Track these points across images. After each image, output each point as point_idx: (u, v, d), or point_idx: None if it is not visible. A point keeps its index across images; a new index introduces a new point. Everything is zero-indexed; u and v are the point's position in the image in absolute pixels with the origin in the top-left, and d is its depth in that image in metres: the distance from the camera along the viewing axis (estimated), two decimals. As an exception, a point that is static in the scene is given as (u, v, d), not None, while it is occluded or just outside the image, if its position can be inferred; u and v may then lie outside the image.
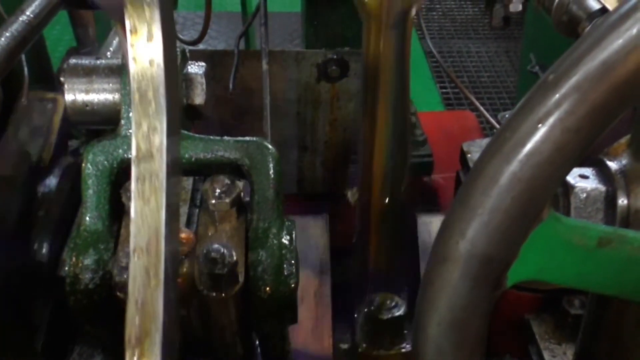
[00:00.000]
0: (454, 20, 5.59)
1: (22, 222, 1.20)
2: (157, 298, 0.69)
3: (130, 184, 1.01)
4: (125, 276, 0.94)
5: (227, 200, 1.04)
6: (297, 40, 4.36)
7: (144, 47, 0.71)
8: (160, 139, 0.72)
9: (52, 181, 1.30)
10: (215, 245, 0.99)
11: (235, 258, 0.99)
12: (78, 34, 2.18)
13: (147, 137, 0.72)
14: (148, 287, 0.69)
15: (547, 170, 0.64)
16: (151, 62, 0.71)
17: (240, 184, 1.08)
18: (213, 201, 1.04)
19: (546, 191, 0.65)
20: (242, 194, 1.07)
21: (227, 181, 1.05)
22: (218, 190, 1.04)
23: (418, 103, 2.25)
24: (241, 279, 1.01)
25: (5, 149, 1.15)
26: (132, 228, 0.71)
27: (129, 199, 1.01)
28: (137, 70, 0.71)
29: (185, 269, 1.00)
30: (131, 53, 0.71)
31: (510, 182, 0.64)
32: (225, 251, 0.98)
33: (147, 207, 0.72)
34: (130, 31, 0.71)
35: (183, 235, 1.00)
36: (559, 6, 1.50)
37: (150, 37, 0.71)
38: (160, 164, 0.72)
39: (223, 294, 0.99)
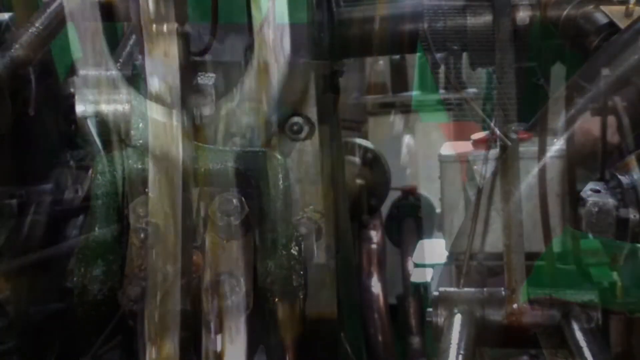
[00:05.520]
0: (457, 32, 5.60)
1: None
2: (175, 291, 0.70)
3: (136, 205, 1.01)
4: (134, 307, 0.93)
5: (236, 222, 1.02)
6: (301, 52, 4.36)
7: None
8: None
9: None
10: (223, 277, 0.97)
11: (244, 289, 0.97)
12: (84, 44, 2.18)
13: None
14: (165, 283, 0.74)
15: None
16: None
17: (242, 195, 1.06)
18: (221, 224, 1.02)
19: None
20: (249, 214, 1.04)
21: (235, 202, 1.02)
22: (226, 212, 1.02)
23: (423, 115, 2.25)
24: (250, 305, 1.00)
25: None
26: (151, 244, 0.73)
27: (136, 220, 1.00)
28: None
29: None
30: None
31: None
32: (234, 282, 0.97)
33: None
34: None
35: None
36: (567, 20, 1.50)
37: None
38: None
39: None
